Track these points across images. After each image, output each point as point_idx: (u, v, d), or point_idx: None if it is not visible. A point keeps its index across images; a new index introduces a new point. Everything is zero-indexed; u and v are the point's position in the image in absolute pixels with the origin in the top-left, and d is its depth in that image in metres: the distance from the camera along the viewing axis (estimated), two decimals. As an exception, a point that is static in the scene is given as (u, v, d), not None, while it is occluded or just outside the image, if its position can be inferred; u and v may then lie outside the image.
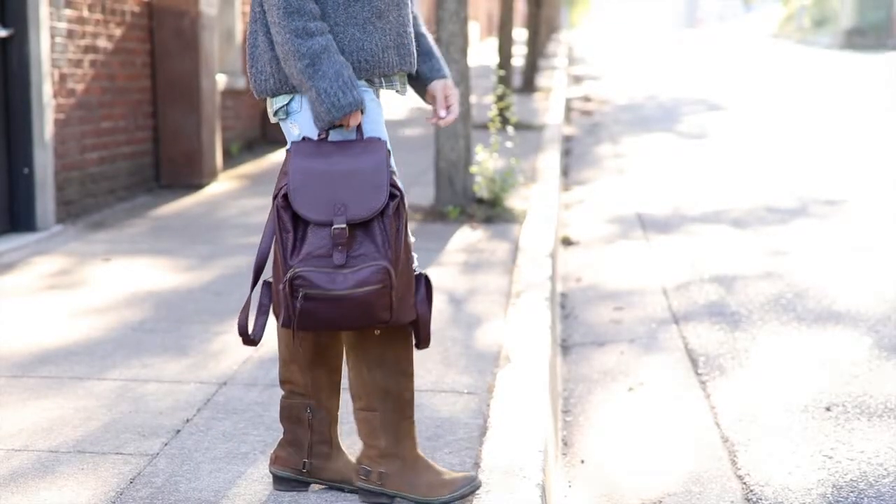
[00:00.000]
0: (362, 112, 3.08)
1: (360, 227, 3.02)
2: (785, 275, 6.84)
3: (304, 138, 3.12)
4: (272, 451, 3.35)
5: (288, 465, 3.29)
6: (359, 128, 3.11)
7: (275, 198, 3.08)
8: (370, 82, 3.17)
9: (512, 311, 5.30)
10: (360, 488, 3.19)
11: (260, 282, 3.15)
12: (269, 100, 3.19)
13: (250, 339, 3.11)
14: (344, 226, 2.99)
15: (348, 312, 2.99)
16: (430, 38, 3.44)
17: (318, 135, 3.11)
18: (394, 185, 3.05)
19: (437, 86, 3.32)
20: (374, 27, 3.14)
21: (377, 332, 3.13)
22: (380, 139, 3.11)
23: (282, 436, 3.33)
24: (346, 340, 3.19)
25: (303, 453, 3.28)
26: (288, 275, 2.98)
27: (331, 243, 3.00)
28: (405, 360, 3.19)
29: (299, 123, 3.13)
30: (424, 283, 3.15)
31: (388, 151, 3.11)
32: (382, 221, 3.02)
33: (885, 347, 5.40)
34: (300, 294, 2.96)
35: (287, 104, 3.15)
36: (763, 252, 7.49)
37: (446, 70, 3.38)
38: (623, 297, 6.52)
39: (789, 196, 9.56)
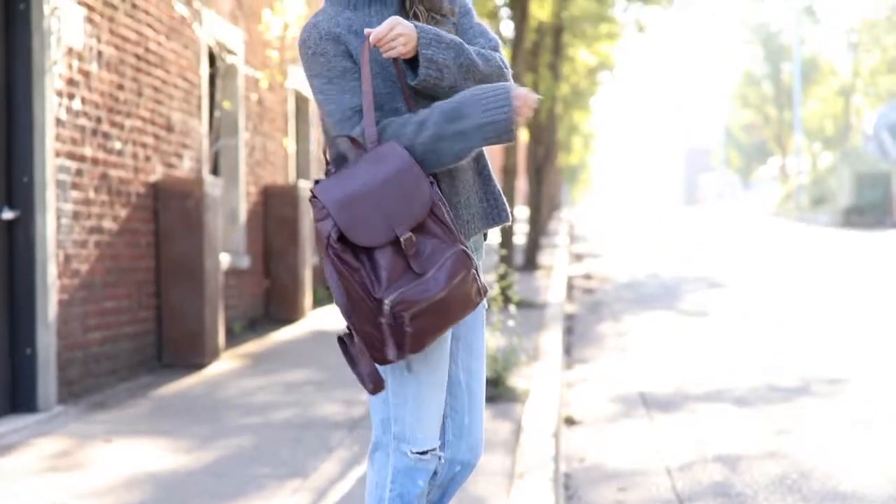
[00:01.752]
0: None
1: (415, 231, 2.96)
2: (789, 454, 6.79)
3: (315, 181, 3.05)
4: None
5: None
6: (356, 143, 3.06)
7: (327, 248, 2.96)
8: None
9: (515, 493, 5.25)
10: None
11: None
12: None
13: (380, 386, 3.02)
14: (409, 234, 2.94)
15: (451, 310, 2.94)
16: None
17: (326, 171, 3.08)
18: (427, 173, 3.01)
19: None
20: None
21: None
22: (390, 143, 3.04)
23: None
24: None
25: None
26: (385, 307, 2.89)
27: (404, 258, 2.93)
28: None
29: None
30: None
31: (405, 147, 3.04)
32: (432, 213, 2.97)
33: (892, 529, 5.33)
34: (407, 317, 2.89)
35: None
36: (767, 431, 7.44)
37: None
38: (627, 478, 6.46)
39: (792, 374, 9.54)
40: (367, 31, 3.11)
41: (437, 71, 3.12)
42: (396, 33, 3.07)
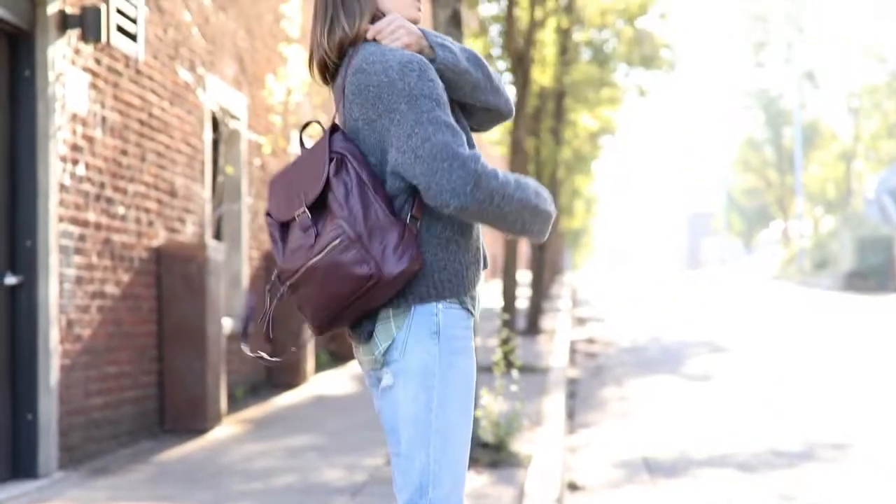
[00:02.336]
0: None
1: (317, 208, 3.05)
2: (794, 520, 6.75)
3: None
4: None
5: None
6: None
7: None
8: (461, 304, 3.11)
9: (517, 560, 5.21)
10: None
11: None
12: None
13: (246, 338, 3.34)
14: (303, 209, 3.05)
15: (325, 281, 2.97)
16: None
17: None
18: (334, 151, 3.04)
19: None
20: (458, 245, 3.09)
21: None
22: (334, 133, 3.11)
23: None
24: None
25: None
26: (274, 277, 3.14)
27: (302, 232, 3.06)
28: None
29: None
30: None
31: (339, 132, 3.09)
32: (332, 192, 3.01)
33: None
34: (287, 287, 3.07)
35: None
36: (771, 497, 7.40)
37: None
38: (630, 544, 6.42)
39: (795, 439, 9.50)
40: (364, 27, 3.17)
41: (450, 53, 3.18)
42: (396, 25, 3.15)
